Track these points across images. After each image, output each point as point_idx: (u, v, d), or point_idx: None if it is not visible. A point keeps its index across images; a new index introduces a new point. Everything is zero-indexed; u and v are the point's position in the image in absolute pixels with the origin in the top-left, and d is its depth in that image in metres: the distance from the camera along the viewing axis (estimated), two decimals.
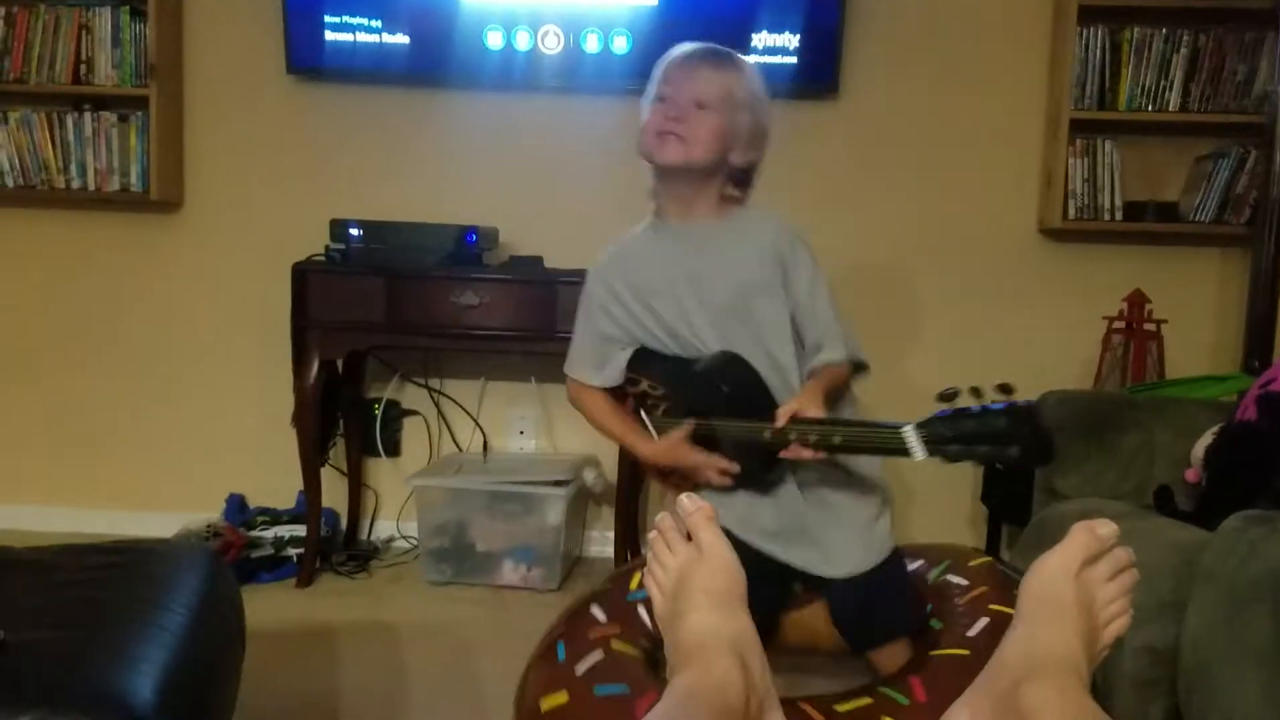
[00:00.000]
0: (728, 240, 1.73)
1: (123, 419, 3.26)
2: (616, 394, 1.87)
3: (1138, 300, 2.75)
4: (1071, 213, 2.90)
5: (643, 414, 1.83)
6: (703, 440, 1.71)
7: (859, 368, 1.80)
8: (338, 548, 3.12)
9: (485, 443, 3.22)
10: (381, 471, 3.27)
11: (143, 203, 3.09)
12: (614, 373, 1.82)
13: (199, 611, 1.55)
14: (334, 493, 3.12)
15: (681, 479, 1.78)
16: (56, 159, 3.03)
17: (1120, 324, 2.77)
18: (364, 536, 3.25)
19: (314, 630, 2.54)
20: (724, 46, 1.74)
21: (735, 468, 1.68)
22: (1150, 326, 2.73)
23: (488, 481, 2.90)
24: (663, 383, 1.78)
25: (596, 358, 1.83)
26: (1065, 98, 2.87)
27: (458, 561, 2.92)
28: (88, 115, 3.01)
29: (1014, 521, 2.68)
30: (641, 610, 1.72)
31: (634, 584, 1.79)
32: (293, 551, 2.98)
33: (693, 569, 1.01)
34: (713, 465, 1.69)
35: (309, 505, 2.92)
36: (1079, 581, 0.99)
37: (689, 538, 1.08)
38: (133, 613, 1.48)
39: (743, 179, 1.75)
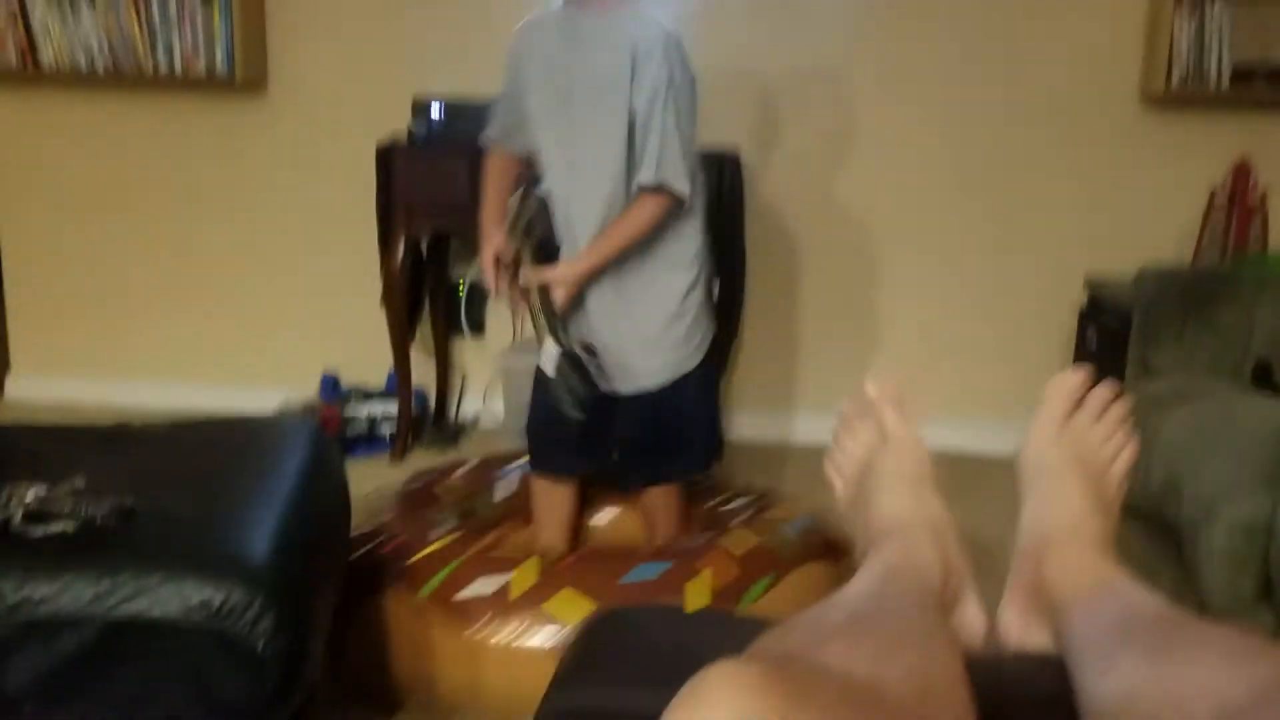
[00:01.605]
0: (602, 37, 1.76)
1: (219, 297, 3.36)
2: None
3: (1243, 170, 2.63)
4: (1175, 79, 2.77)
5: (518, 193, 1.99)
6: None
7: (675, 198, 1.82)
8: (428, 424, 3.21)
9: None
10: (467, 350, 3.33)
11: (228, 85, 3.12)
12: (504, 138, 1.95)
13: (308, 479, 1.63)
14: (422, 371, 3.20)
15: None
16: (143, 41, 3.05)
17: (1223, 195, 2.67)
18: (452, 414, 3.33)
19: None
20: None
21: (490, 264, 1.88)
22: (1255, 198, 2.62)
23: None
24: (525, 197, 1.95)
25: (498, 124, 1.95)
26: None
27: None
28: None
29: None
30: None
31: None
32: (385, 428, 3.08)
33: (878, 454, 0.98)
34: (490, 275, 1.90)
35: (400, 383, 3.01)
36: (1064, 437, 0.96)
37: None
38: (246, 481, 1.56)
39: None
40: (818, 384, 3.20)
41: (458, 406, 3.35)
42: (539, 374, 1.98)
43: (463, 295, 3.24)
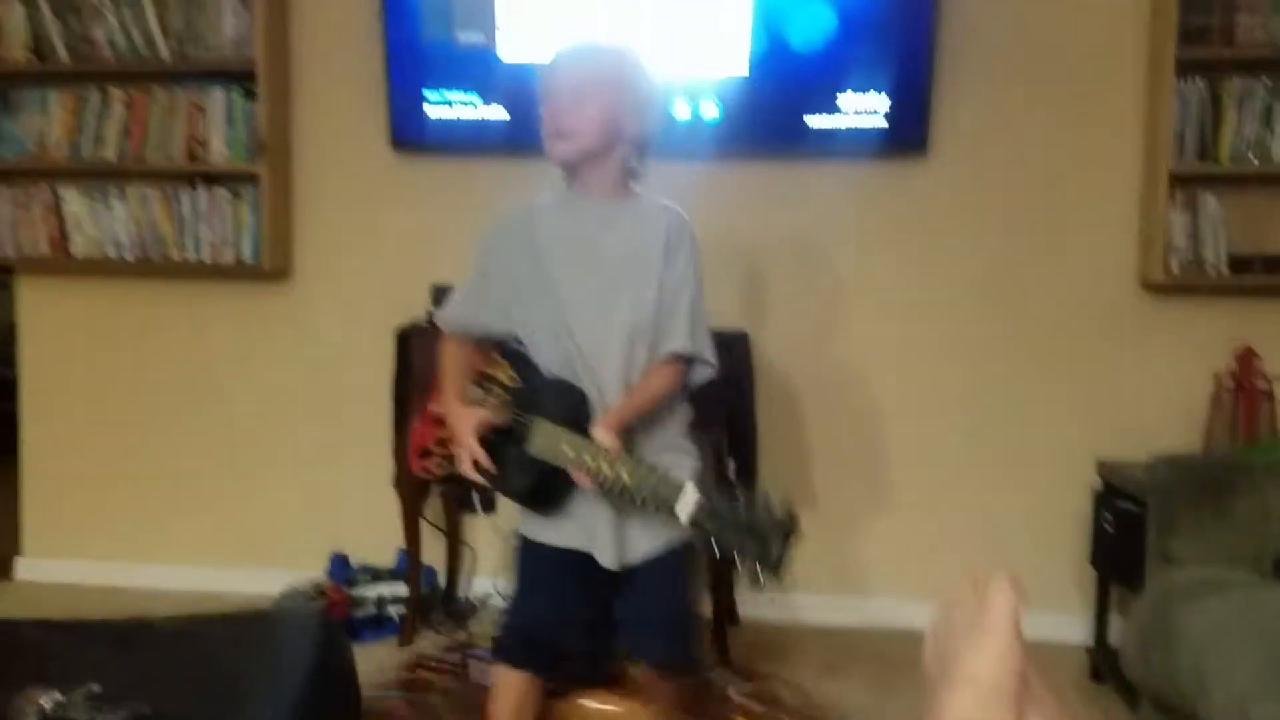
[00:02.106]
0: (627, 218, 1.83)
1: (233, 479, 3.37)
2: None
3: (1247, 356, 2.68)
4: (1175, 267, 2.85)
5: (478, 384, 1.92)
6: (506, 440, 1.80)
7: (695, 366, 1.84)
8: (437, 605, 3.16)
9: None
10: (478, 528, 3.31)
11: (254, 272, 3.21)
12: (474, 322, 1.91)
13: (317, 676, 1.61)
14: (432, 549, 3.17)
15: (443, 456, 1.85)
16: (173, 233, 3.17)
17: (1230, 381, 2.70)
18: (462, 594, 3.29)
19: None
20: (583, 42, 1.85)
21: (487, 464, 1.80)
22: (1263, 384, 2.66)
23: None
24: (520, 378, 1.87)
25: (467, 308, 1.92)
26: (1164, 152, 2.82)
27: None
28: (202, 191, 3.15)
29: (1126, 584, 2.61)
30: None
31: None
32: (394, 610, 3.04)
33: (966, 637, 0.93)
34: (472, 452, 1.80)
35: (410, 566, 2.98)
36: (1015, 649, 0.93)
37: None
38: (257, 681, 1.54)
39: (641, 150, 1.84)
40: (830, 563, 3.16)
41: (468, 586, 3.30)
42: (533, 562, 1.89)
43: None
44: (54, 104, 3.16)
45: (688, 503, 1.51)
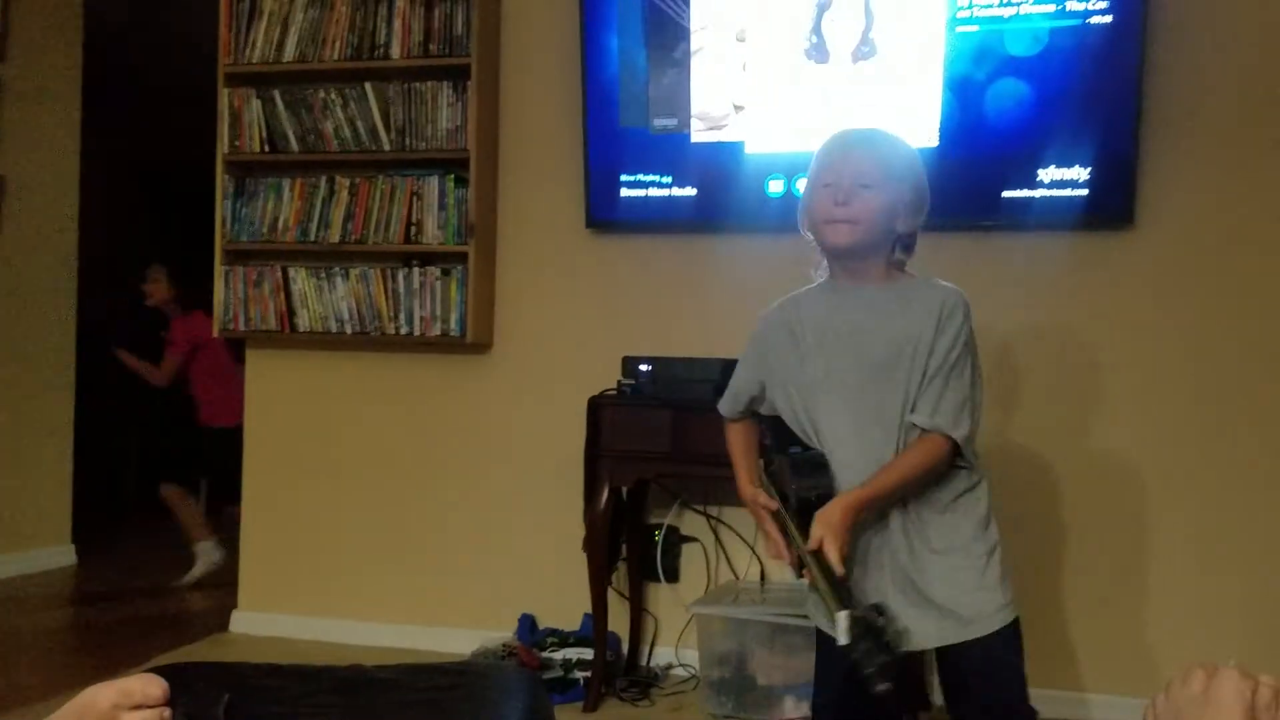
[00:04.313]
0: (895, 304, 1.81)
1: (431, 540, 3.53)
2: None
3: None
4: None
5: (761, 461, 1.97)
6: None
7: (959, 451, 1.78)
8: (620, 672, 3.21)
9: (762, 573, 3.26)
10: (661, 596, 3.36)
11: (458, 345, 3.41)
12: (741, 406, 1.98)
13: None
14: (615, 616, 3.22)
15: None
16: (388, 308, 3.41)
17: None
18: (644, 662, 3.32)
19: None
20: (873, 127, 1.91)
21: (781, 555, 1.81)
22: None
23: (770, 613, 2.92)
24: (774, 455, 1.90)
25: (736, 396, 1.98)
26: None
27: (738, 694, 2.93)
28: (415, 270, 3.39)
29: None
30: None
31: None
32: (579, 674, 3.10)
33: (1189, 713, 0.94)
34: (770, 537, 1.84)
35: (596, 630, 3.04)
36: None
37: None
38: None
39: (908, 244, 1.84)
40: (1097, 655, 3.02)
41: (649, 654, 3.34)
42: (824, 649, 1.89)
43: (658, 541, 3.31)
44: (286, 191, 3.47)
45: (842, 626, 1.55)
